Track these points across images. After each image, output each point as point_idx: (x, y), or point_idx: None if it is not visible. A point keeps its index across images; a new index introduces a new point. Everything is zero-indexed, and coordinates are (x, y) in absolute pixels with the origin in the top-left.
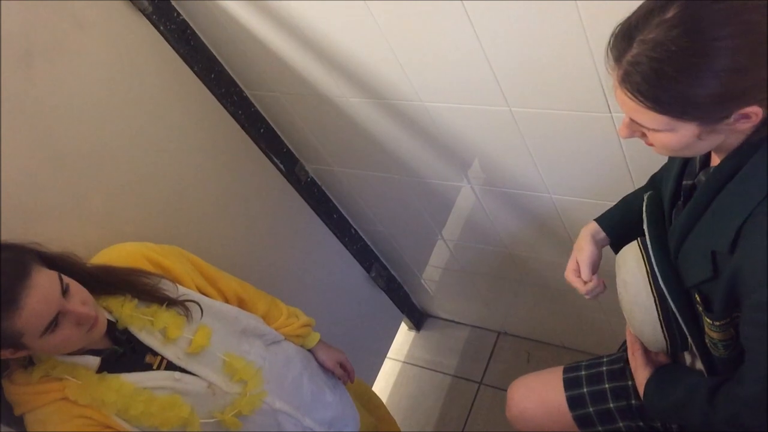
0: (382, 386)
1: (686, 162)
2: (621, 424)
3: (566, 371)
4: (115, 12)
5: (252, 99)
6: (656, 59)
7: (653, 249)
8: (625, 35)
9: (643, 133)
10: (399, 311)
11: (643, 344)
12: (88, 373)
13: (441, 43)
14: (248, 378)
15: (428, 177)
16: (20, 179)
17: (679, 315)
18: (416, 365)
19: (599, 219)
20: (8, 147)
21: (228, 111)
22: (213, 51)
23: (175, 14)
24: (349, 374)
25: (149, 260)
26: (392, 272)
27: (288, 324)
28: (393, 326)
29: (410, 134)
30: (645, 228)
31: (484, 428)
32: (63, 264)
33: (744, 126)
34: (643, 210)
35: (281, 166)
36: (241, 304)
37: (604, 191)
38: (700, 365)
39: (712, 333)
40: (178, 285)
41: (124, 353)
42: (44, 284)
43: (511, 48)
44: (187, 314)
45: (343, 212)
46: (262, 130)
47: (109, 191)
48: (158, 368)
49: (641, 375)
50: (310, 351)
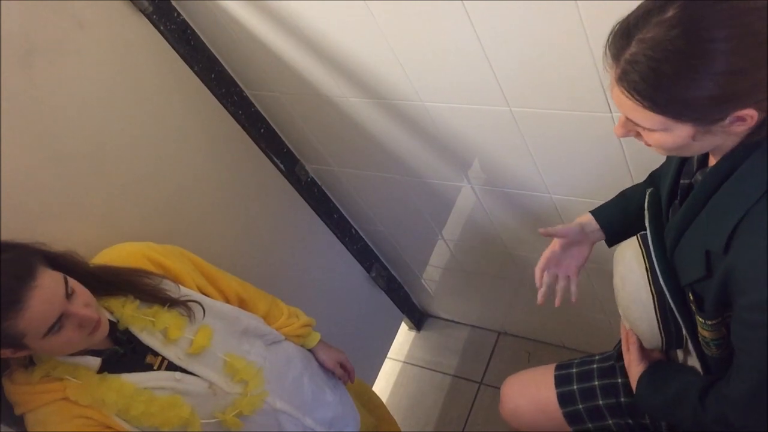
0: (383, 386)
1: (684, 161)
2: (610, 422)
3: (558, 369)
4: (116, 12)
5: (252, 99)
6: (654, 58)
7: (654, 245)
8: (624, 33)
9: (639, 133)
10: (399, 311)
11: (638, 340)
12: (89, 374)
13: (441, 43)
14: (249, 378)
15: (428, 177)
16: (21, 179)
17: (677, 312)
18: (416, 365)
19: (595, 211)
20: (9, 147)
21: (228, 111)
22: (213, 51)
23: (176, 14)
24: (350, 374)
25: (150, 260)
26: (392, 272)
27: (288, 324)
28: (393, 326)
29: (410, 134)
30: (647, 224)
31: (485, 428)
32: (66, 264)
33: (739, 128)
34: (645, 207)
35: (281, 166)
36: (242, 304)
37: (605, 191)
38: (694, 363)
39: (705, 332)
40: (180, 285)
41: (125, 354)
42: (49, 285)
43: (512, 48)
44: (189, 314)
45: (344, 212)
46: (263, 130)
47: (110, 191)
48: (159, 368)
49: (635, 370)
50: (311, 351)
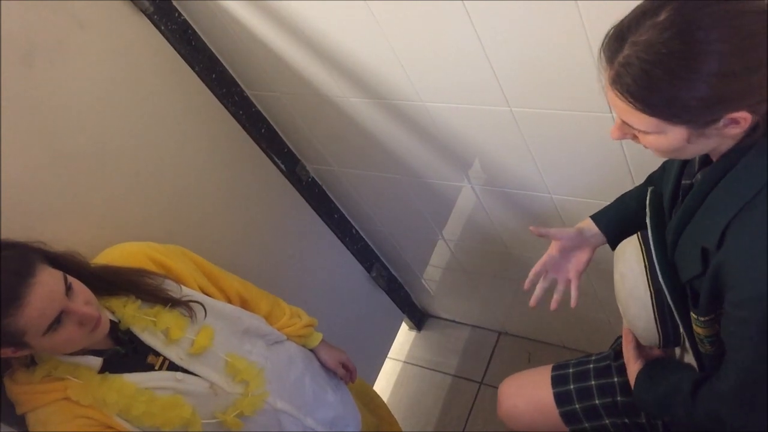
0: (383, 386)
1: (685, 162)
2: (607, 421)
3: (555, 369)
4: (116, 12)
5: (253, 99)
6: (647, 61)
7: (654, 242)
8: (618, 36)
9: (635, 135)
10: (400, 311)
11: (637, 338)
12: (90, 374)
13: (442, 43)
14: (250, 378)
15: (429, 177)
16: (21, 179)
17: (675, 310)
18: (417, 365)
19: (595, 216)
20: (9, 147)
21: (229, 111)
22: (214, 51)
23: (176, 14)
24: (351, 374)
25: (152, 260)
26: (393, 272)
27: (290, 324)
28: (394, 326)
29: (411, 134)
30: (648, 222)
31: (485, 428)
32: (67, 263)
33: (733, 131)
34: (647, 204)
35: (282, 166)
36: (244, 304)
37: (605, 191)
38: (691, 360)
39: (698, 329)
40: (182, 285)
41: (126, 354)
42: (48, 282)
43: (512, 48)
44: (191, 315)
45: (344, 212)
46: (263, 130)
47: (111, 191)
48: (160, 369)
49: (632, 368)
50: (312, 351)
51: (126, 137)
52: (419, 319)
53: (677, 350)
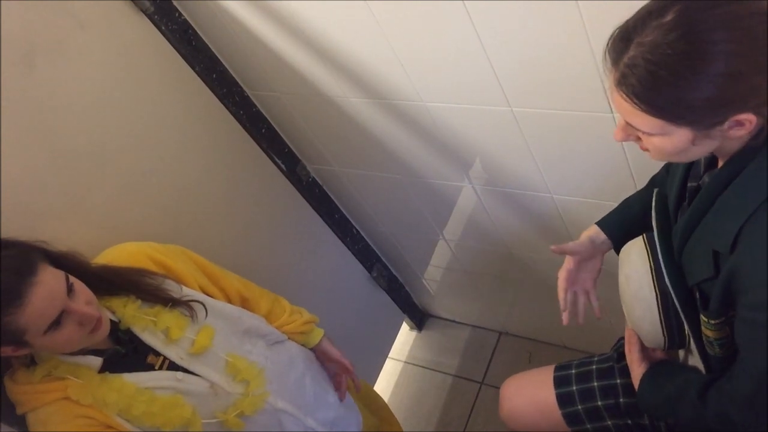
0: (384, 386)
1: (691, 164)
2: (609, 422)
3: (557, 369)
4: (117, 12)
5: (253, 99)
6: (653, 62)
7: (661, 245)
8: (623, 37)
9: (638, 137)
10: (400, 311)
11: (641, 340)
12: (91, 373)
13: (442, 44)
14: (251, 378)
15: (429, 177)
16: (22, 179)
17: (682, 312)
18: (417, 365)
19: (600, 222)
20: (10, 147)
21: (229, 111)
22: (214, 51)
23: (177, 14)
24: (354, 382)
25: (153, 260)
26: (394, 272)
27: (290, 321)
28: (394, 326)
29: (411, 134)
30: (653, 224)
31: (486, 428)
32: (68, 263)
33: (738, 133)
34: (653, 206)
35: (283, 166)
36: (244, 303)
37: (606, 191)
38: (696, 362)
39: (708, 331)
40: (182, 285)
41: (127, 354)
42: (50, 282)
43: (513, 48)
44: (191, 315)
45: (345, 212)
46: (264, 130)
47: (111, 191)
48: (160, 368)
49: (637, 370)
50: (316, 346)
51: (126, 137)
52: (420, 319)
53: (681, 352)
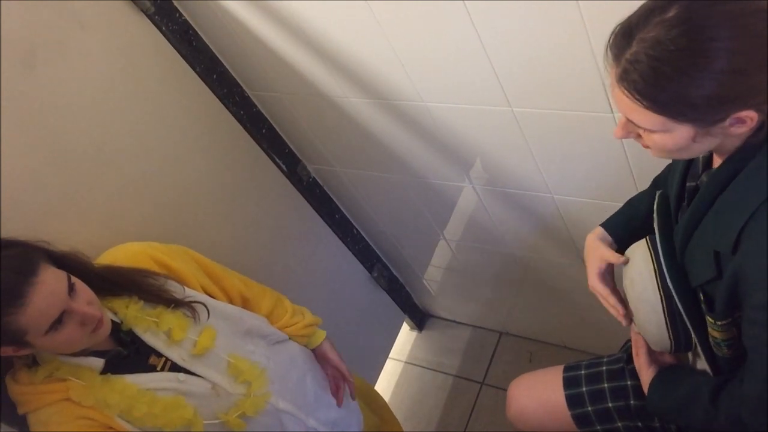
0: (384, 386)
1: (689, 164)
2: (619, 424)
3: (566, 370)
4: (117, 12)
5: (254, 99)
6: (655, 58)
7: (663, 247)
8: (625, 33)
9: (639, 134)
10: (401, 311)
11: (648, 344)
12: (92, 375)
13: (443, 44)
14: (253, 379)
15: (430, 177)
16: (23, 179)
17: (686, 314)
18: (418, 365)
19: (605, 224)
20: (11, 147)
21: (230, 111)
22: (215, 51)
23: (177, 15)
24: (350, 390)
25: (155, 260)
26: (394, 272)
27: (292, 323)
28: (395, 326)
29: (412, 134)
30: (655, 226)
31: (486, 428)
32: (70, 263)
33: (739, 130)
34: (655, 209)
35: (283, 167)
36: (245, 303)
37: (606, 191)
38: (703, 365)
39: (715, 333)
40: (184, 286)
41: (128, 355)
42: (51, 282)
43: (513, 48)
44: (194, 315)
45: (345, 212)
46: (264, 131)
47: (112, 191)
48: (162, 370)
49: (645, 375)
50: (317, 348)
51: (127, 137)
52: (420, 320)
53: (689, 356)
